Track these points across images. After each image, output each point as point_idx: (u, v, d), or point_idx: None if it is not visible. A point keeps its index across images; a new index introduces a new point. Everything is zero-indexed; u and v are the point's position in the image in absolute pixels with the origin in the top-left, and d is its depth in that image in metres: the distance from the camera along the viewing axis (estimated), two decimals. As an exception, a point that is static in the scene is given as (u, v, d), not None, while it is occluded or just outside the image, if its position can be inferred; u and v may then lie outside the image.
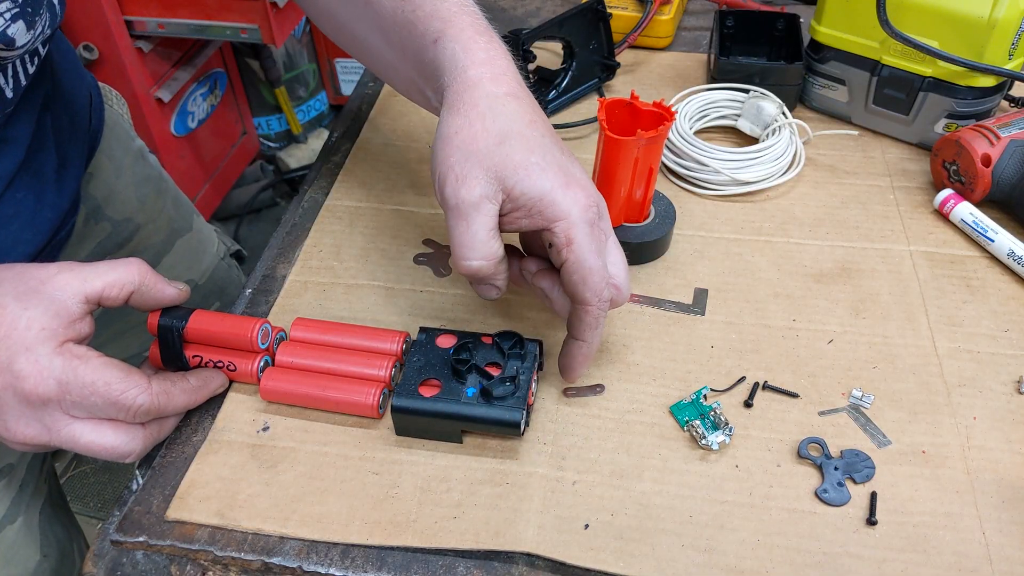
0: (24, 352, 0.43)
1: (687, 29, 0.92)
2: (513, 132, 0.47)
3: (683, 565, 0.45)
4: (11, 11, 0.50)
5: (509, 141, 0.46)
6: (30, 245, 0.59)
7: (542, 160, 0.46)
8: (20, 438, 0.45)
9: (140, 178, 0.78)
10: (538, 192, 0.46)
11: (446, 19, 0.50)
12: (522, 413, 0.48)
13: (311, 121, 2.15)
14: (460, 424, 0.49)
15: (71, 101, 0.66)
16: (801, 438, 0.50)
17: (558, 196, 0.46)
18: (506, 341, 0.51)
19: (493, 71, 0.49)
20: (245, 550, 0.46)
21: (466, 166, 0.46)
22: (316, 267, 0.63)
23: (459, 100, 0.48)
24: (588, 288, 0.46)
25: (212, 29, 1.52)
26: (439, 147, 0.48)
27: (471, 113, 0.47)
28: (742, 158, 0.68)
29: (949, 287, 0.60)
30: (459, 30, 0.50)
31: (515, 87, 0.49)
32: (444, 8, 0.51)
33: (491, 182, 0.46)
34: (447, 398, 0.49)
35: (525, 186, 0.46)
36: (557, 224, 0.46)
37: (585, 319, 0.48)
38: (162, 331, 0.52)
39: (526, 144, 0.46)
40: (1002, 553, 0.45)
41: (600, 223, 0.48)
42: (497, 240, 0.47)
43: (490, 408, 0.48)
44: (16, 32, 0.51)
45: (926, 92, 0.69)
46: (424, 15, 0.51)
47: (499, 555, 0.46)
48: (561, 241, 0.46)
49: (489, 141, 0.46)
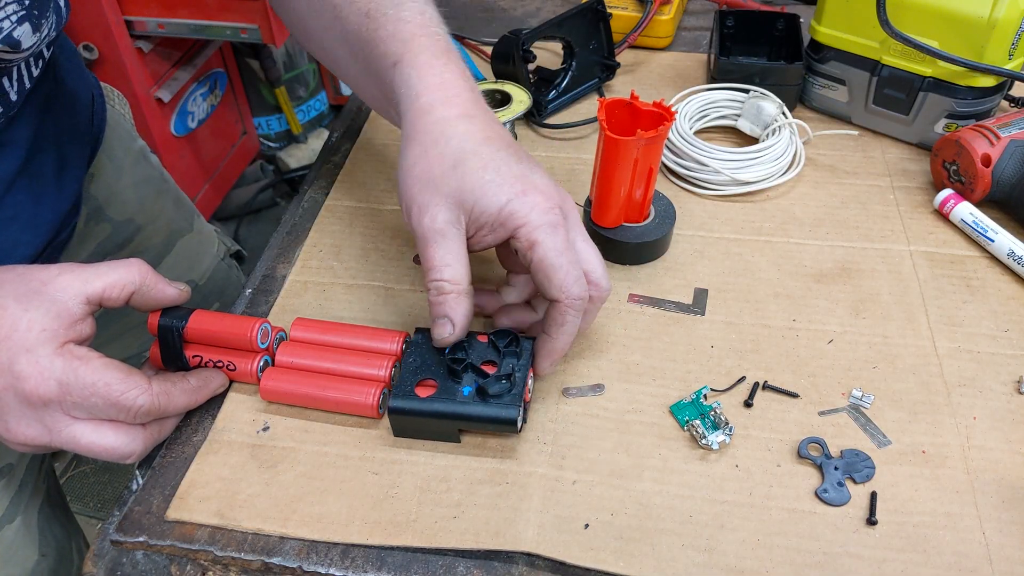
0: (25, 353, 0.43)
1: (687, 29, 0.92)
2: (467, 153, 0.48)
3: (683, 565, 0.45)
4: (17, 13, 0.50)
5: (463, 163, 0.47)
6: (30, 247, 0.59)
7: (496, 176, 0.47)
8: (21, 439, 0.45)
9: (141, 179, 0.78)
10: (496, 207, 0.47)
11: (405, 40, 0.51)
12: (518, 410, 0.48)
13: (311, 121, 2.15)
14: (457, 423, 0.49)
15: (73, 102, 0.66)
16: (801, 438, 0.50)
17: (516, 206, 0.47)
18: (501, 339, 0.51)
19: (446, 94, 0.50)
20: (245, 550, 0.46)
21: (426, 195, 0.47)
22: (316, 267, 0.64)
23: (414, 129, 0.49)
24: (554, 285, 0.47)
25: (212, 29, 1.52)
26: (401, 179, 0.49)
27: (425, 140, 0.48)
28: (742, 158, 0.68)
29: (949, 287, 0.60)
30: (415, 54, 0.51)
31: (468, 107, 0.50)
32: (404, 29, 0.52)
33: (452, 208, 0.47)
34: (443, 398, 0.49)
35: (483, 204, 0.47)
36: (519, 231, 0.47)
37: (552, 315, 0.48)
38: (162, 331, 0.52)
39: (480, 162, 0.47)
40: (1002, 553, 0.45)
41: (565, 223, 0.48)
42: (463, 264, 0.48)
43: (486, 406, 0.48)
44: (22, 34, 0.51)
45: (926, 92, 0.69)
46: (386, 35, 0.52)
47: (499, 555, 0.46)
48: (524, 246, 0.47)
49: (444, 166, 0.47)
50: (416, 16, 0.53)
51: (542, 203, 0.47)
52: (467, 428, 0.50)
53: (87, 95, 0.69)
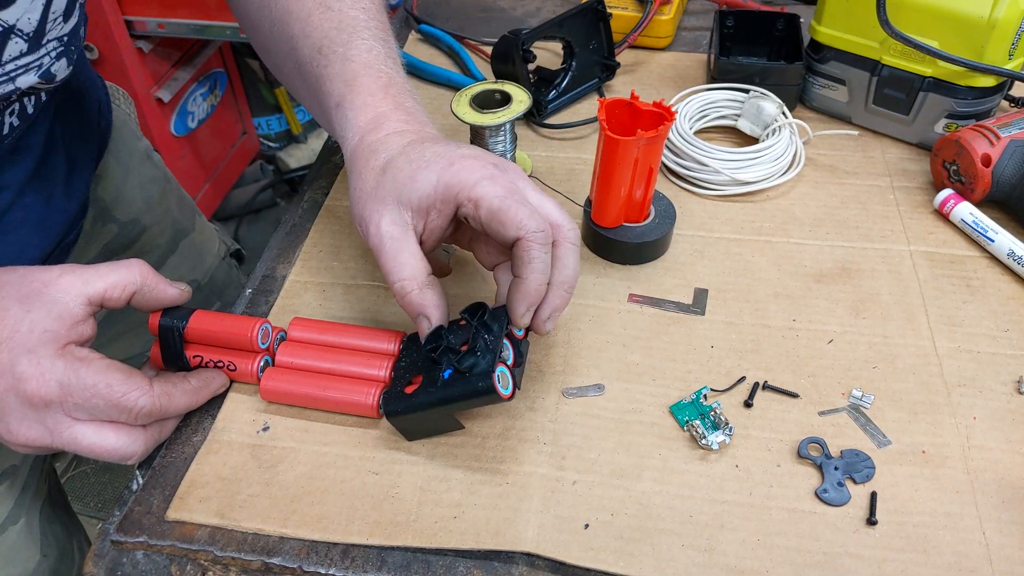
0: (26, 354, 0.44)
1: (687, 29, 0.92)
2: (392, 157, 0.49)
3: (683, 565, 0.45)
4: (56, 50, 0.51)
5: (391, 166, 0.49)
6: (39, 249, 0.59)
7: (422, 163, 0.48)
8: (22, 440, 0.45)
9: (146, 179, 0.78)
10: (429, 185, 0.47)
11: (348, 82, 0.53)
12: (492, 377, 0.46)
13: (311, 121, 2.15)
14: (446, 408, 0.48)
15: (81, 104, 0.66)
16: (801, 438, 0.50)
17: (448, 177, 0.47)
18: (471, 314, 0.49)
19: (377, 124, 0.51)
20: (245, 550, 0.46)
21: (368, 208, 0.49)
22: (316, 267, 0.64)
23: (352, 166, 0.51)
24: (509, 226, 0.46)
25: (212, 29, 1.52)
26: (351, 208, 0.51)
27: (359, 164, 0.50)
28: (742, 158, 0.68)
29: (949, 287, 0.60)
30: (355, 95, 0.53)
31: (398, 125, 0.51)
32: (348, 70, 0.53)
33: (392, 209, 0.48)
34: (427, 388, 0.48)
35: (417, 190, 0.47)
36: (459, 196, 0.47)
37: (519, 255, 0.47)
38: (163, 331, 0.52)
39: (406, 159, 0.48)
40: (1002, 553, 0.45)
41: (505, 175, 0.48)
42: (417, 259, 0.48)
43: (465, 382, 0.47)
44: (57, 69, 0.53)
45: (926, 92, 0.69)
46: (332, 74, 0.53)
47: (499, 555, 0.46)
48: (470, 208, 0.47)
49: (375, 177, 0.49)
50: (363, 55, 0.54)
51: (473, 164, 0.48)
52: (458, 410, 0.49)
53: (94, 96, 0.70)
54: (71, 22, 0.52)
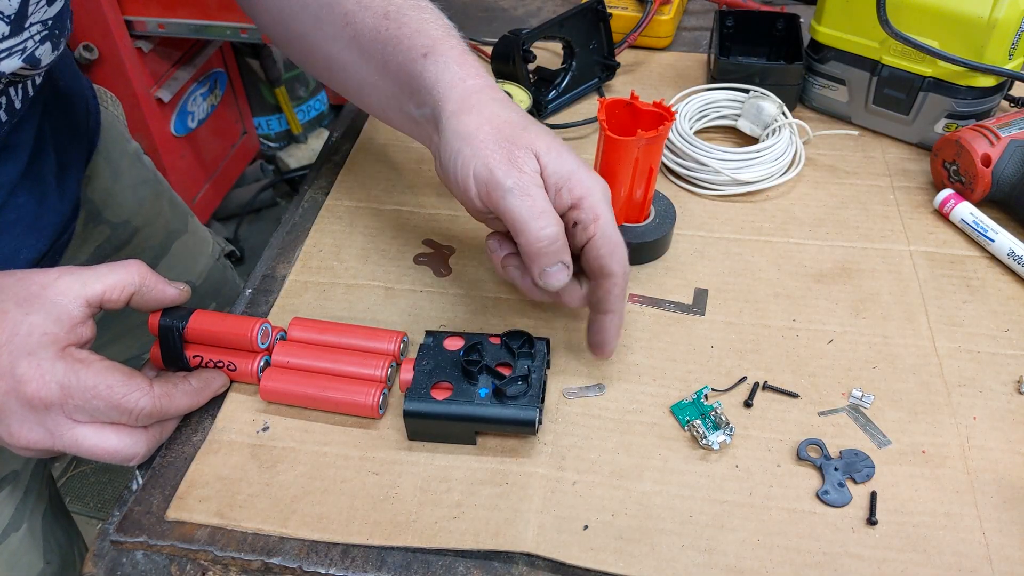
0: (26, 357, 0.43)
1: (687, 29, 0.92)
2: (531, 121, 0.49)
3: (683, 565, 0.45)
4: (41, 33, 0.51)
5: (532, 127, 0.49)
6: (33, 250, 0.59)
7: (561, 144, 0.49)
8: (23, 443, 0.45)
9: (137, 180, 0.78)
10: (568, 170, 0.48)
11: (434, 37, 0.53)
12: (536, 411, 0.48)
13: (311, 121, 2.15)
14: (474, 425, 0.49)
15: (70, 104, 0.66)
16: (801, 438, 0.50)
17: (583, 174, 0.48)
18: (515, 340, 0.52)
19: (491, 84, 0.51)
20: (245, 550, 0.46)
21: (510, 148, 0.48)
22: (316, 267, 0.64)
23: (467, 104, 0.49)
24: (615, 260, 0.48)
25: (212, 29, 1.52)
26: (464, 146, 0.48)
27: (486, 111, 0.49)
28: (742, 158, 0.68)
29: (949, 287, 0.60)
30: (448, 48, 0.52)
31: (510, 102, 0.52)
32: (431, 28, 0.53)
33: (532, 159, 0.48)
34: (460, 400, 0.49)
35: (556, 164, 0.48)
36: (585, 200, 0.48)
37: (614, 291, 0.49)
38: (163, 331, 0.52)
39: (545, 131, 0.49)
40: (1002, 553, 0.45)
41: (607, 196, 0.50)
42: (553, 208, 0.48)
43: (504, 408, 0.48)
44: (42, 53, 0.52)
45: (926, 92, 0.69)
46: (410, 32, 0.53)
47: (499, 555, 0.46)
48: (588, 217, 0.48)
49: (516, 128, 0.48)
50: (438, 19, 0.54)
51: (599, 178, 0.49)
52: (485, 430, 0.50)
53: (82, 96, 0.69)
54: (55, 6, 0.52)
